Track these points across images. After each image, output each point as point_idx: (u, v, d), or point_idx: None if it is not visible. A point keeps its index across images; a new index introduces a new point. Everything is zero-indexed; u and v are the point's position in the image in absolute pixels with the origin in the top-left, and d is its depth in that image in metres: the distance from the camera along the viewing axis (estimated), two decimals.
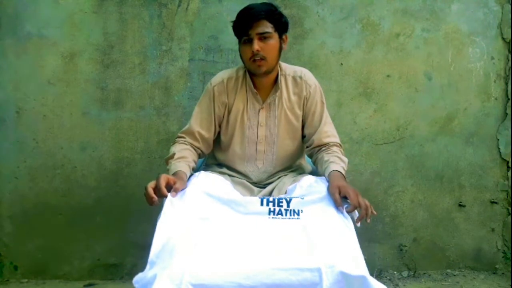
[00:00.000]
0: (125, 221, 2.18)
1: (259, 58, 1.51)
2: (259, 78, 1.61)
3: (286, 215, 1.33)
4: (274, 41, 1.54)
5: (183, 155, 1.56)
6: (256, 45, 1.50)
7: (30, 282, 2.16)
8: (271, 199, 1.39)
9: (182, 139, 1.65)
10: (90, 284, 2.14)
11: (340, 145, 1.67)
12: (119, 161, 2.18)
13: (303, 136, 1.72)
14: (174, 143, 1.65)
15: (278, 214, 1.34)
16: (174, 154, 1.56)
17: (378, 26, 2.23)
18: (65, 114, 2.16)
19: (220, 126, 1.69)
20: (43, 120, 2.15)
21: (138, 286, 1.08)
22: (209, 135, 1.66)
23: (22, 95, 2.13)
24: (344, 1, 2.21)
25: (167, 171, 1.54)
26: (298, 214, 1.34)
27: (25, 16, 2.11)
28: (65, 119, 2.16)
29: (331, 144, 1.64)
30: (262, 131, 1.64)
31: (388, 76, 2.25)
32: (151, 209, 2.11)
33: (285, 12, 2.13)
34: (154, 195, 1.32)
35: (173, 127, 2.17)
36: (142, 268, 1.17)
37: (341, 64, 2.23)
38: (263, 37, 1.51)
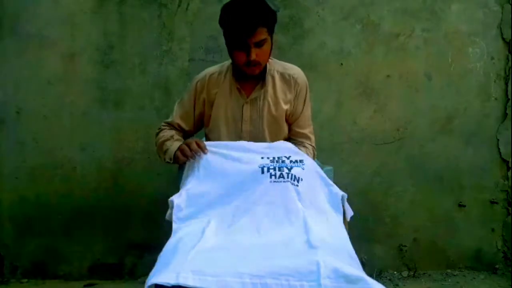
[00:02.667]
0: (125, 221, 2.17)
1: (254, 64, 1.50)
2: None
3: (287, 178, 1.37)
4: (268, 45, 1.52)
5: (179, 138, 1.63)
6: (253, 54, 1.47)
7: (30, 282, 2.16)
8: (272, 167, 1.40)
9: (167, 127, 1.69)
10: (90, 284, 2.14)
11: (308, 145, 1.71)
12: (119, 161, 2.18)
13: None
14: (160, 130, 1.68)
15: (280, 177, 1.38)
16: (172, 136, 1.61)
17: (378, 26, 2.22)
18: (65, 114, 2.16)
19: (202, 122, 1.71)
20: (43, 120, 2.15)
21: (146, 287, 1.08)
22: (189, 128, 1.70)
23: (22, 95, 2.14)
24: (344, 1, 2.20)
25: (161, 152, 1.59)
26: (298, 182, 1.38)
27: (25, 16, 2.11)
28: (65, 119, 2.16)
29: (299, 142, 1.69)
30: (247, 126, 1.64)
31: (388, 76, 2.24)
32: (151, 209, 2.12)
33: (285, 12, 2.15)
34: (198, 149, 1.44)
35: None
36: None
37: (341, 64, 2.22)
38: (260, 44, 1.48)
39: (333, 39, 2.21)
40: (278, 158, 1.45)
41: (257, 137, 1.63)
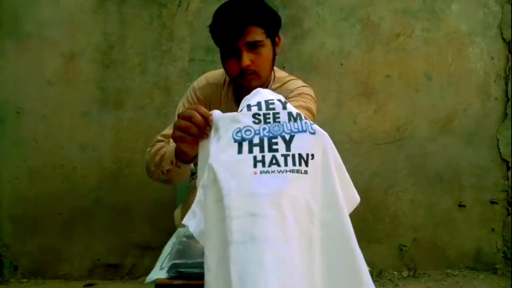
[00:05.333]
0: (125, 221, 2.17)
1: (249, 73, 1.24)
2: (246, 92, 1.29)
3: (286, 165, 0.80)
4: (266, 49, 1.26)
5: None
6: (246, 59, 1.21)
7: (30, 282, 2.16)
8: (256, 140, 0.83)
9: (161, 143, 1.33)
10: (90, 284, 2.14)
11: None
12: (119, 161, 2.18)
13: None
14: (153, 145, 1.32)
15: (271, 164, 0.80)
16: (163, 146, 1.28)
17: (378, 26, 2.22)
18: (65, 114, 2.16)
19: None
20: (43, 120, 2.15)
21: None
22: None
23: (22, 95, 2.14)
24: (344, 1, 2.20)
25: (153, 164, 1.25)
26: (306, 164, 0.81)
27: (25, 16, 2.11)
28: (65, 119, 2.16)
29: None
30: None
31: (388, 76, 2.24)
32: (151, 209, 2.12)
33: (285, 12, 2.14)
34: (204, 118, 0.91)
35: None
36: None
37: (341, 64, 2.22)
38: (254, 46, 1.23)
39: (333, 39, 2.21)
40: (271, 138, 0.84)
41: None
